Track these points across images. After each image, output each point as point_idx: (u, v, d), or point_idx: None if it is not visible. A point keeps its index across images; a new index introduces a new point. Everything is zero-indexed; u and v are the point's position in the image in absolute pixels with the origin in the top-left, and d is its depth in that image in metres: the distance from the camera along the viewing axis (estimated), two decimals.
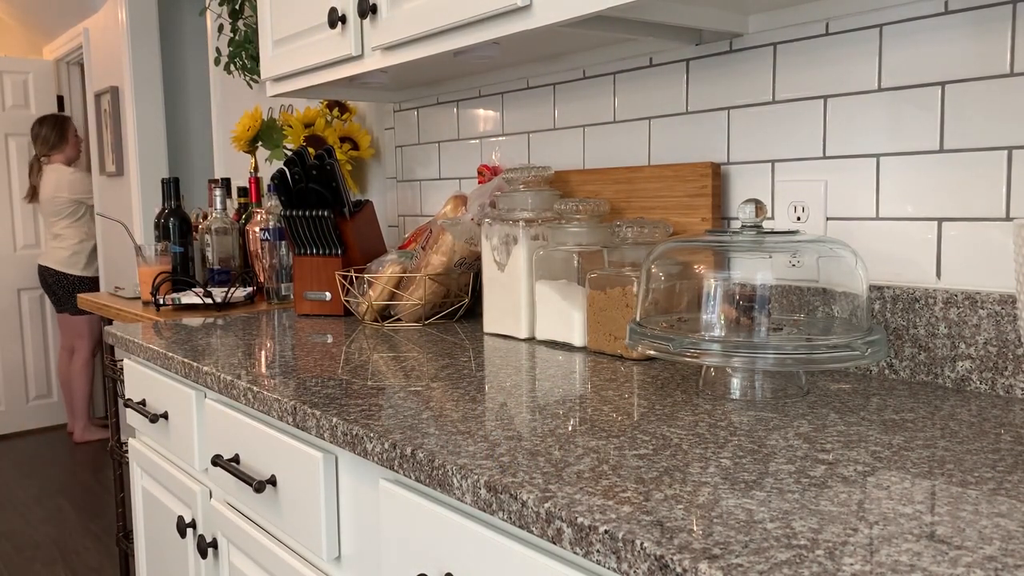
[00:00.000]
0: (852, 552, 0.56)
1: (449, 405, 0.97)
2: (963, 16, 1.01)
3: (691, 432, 0.84)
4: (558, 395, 1.01)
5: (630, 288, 1.20)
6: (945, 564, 0.54)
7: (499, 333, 1.46)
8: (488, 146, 1.77)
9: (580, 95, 1.53)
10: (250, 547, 1.22)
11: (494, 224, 1.46)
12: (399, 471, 0.83)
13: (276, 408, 1.05)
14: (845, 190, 1.14)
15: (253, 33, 2.25)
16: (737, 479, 0.70)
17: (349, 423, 0.91)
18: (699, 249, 1.07)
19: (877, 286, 1.10)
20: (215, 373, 1.21)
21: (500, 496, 0.70)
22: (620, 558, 0.59)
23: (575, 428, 0.86)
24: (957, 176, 1.03)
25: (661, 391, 1.02)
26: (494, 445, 0.81)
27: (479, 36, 1.21)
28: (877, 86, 1.10)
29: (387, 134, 2.10)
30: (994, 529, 0.59)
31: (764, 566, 0.54)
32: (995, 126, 0.99)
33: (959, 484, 0.69)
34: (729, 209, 1.28)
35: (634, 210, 1.39)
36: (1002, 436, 0.82)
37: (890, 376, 1.09)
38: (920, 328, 1.06)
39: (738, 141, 1.27)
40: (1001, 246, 1.00)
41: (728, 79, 1.28)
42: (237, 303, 1.98)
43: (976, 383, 1.01)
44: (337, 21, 1.47)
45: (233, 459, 1.22)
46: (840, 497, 0.66)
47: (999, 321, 0.99)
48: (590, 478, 0.71)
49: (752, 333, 1.00)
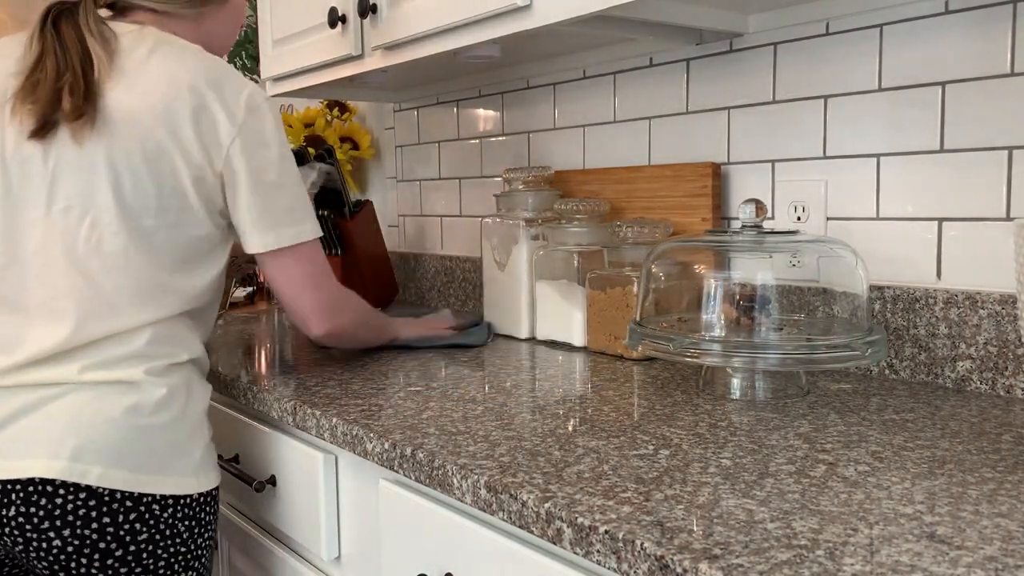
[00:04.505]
0: (852, 552, 0.56)
1: (449, 405, 0.97)
2: (963, 16, 1.01)
3: (691, 432, 0.84)
4: (558, 395, 1.01)
5: (630, 288, 1.20)
6: (945, 564, 0.54)
7: (499, 333, 1.46)
8: (488, 146, 1.77)
9: (580, 95, 1.53)
10: (250, 547, 1.22)
11: (494, 224, 1.46)
12: (399, 471, 0.83)
13: (276, 408, 1.05)
14: (845, 190, 1.14)
15: (253, 33, 2.25)
16: (737, 479, 0.70)
17: (349, 423, 0.91)
18: (699, 249, 1.07)
19: (877, 286, 1.10)
20: (215, 372, 1.21)
21: (500, 496, 0.70)
22: (620, 558, 0.59)
23: (575, 428, 0.86)
24: (957, 176, 1.03)
25: (661, 391, 1.02)
26: (494, 445, 0.81)
27: (479, 36, 1.21)
28: (877, 86, 1.10)
29: (387, 134, 2.10)
30: (994, 529, 0.59)
31: (764, 566, 0.54)
32: (995, 126, 0.99)
33: (959, 484, 0.69)
34: (729, 209, 1.28)
35: (634, 210, 1.39)
36: (1002, 436, 0.82)
37: (890, 376, 1.09)
38: (920, 328, 1.06)
39: (738, 141, 1.27)
40: (1001, 246, 1.00)
41: (728, 79, 1.28)
42: (237, 303, 1.98)
43: (976, 383, 1.01)
44: (337, 21, 1.47)
45: (233, 459, 1.22)
46: (840, 497, 0.66)
47: (999, 321, 0.98)
48: (590, 478, 0.71)
49: (752, 333, 1.00)
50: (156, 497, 0.93)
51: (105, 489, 0.89)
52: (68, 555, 0.89)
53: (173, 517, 0.94)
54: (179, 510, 0.95)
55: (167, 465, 0.94)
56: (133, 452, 0.91)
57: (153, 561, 0.94)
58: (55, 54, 0.95)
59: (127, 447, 0.91)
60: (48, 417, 0.90)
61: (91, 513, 0.89)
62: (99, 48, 0.96)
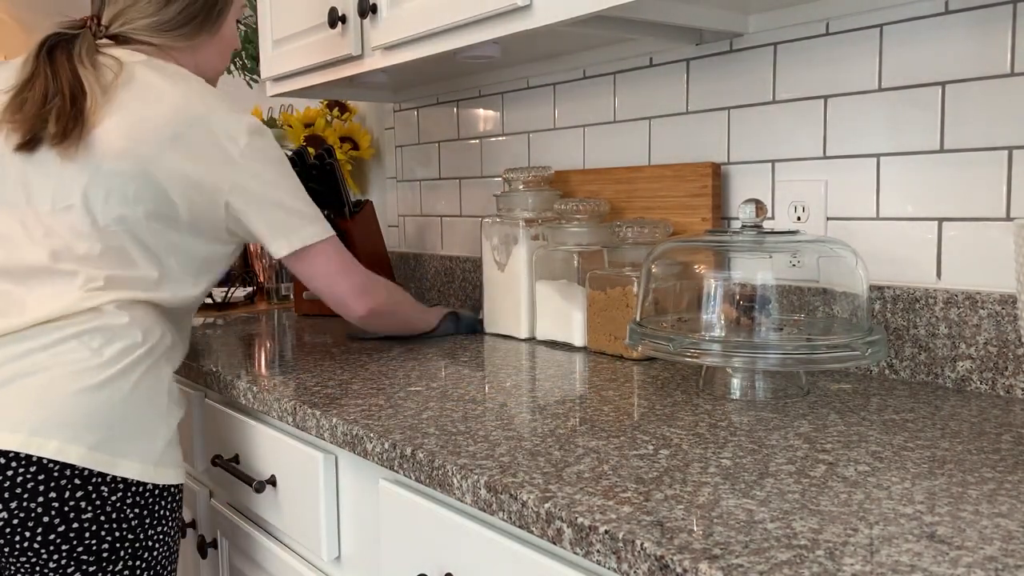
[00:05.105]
0: (852, 552, 0.56)
1: (449, 405, 0.97)
2: (963, 16, 1.01)
3: (691, 432, 0.84)
4: (558, 395, 1.01)
5: (630, 288, 1.20)
6: (945, 564, 0.54)
7: (499, 333, 1.46)
8: (488, 146, 1.77)
9: (580, 95, 1.53)
10: (250, 547, 1.22)
11: (494, 224, 1.46)
12: (399, 471, 0.83)
13: (276, 408, 1.05)
14: (845, 190, 1.14)
15: (253, 33, 2.25)
16: (737, 479, 0.70)
17: (349, 423, 0.91)
18: (699, 249, 1.07)
19: (877, 286, 1.10)
20: (215, 372, 1.21)
21: (500, 496, 0.70)
22: (620, 558, 0.59)
23: (575, 428, 0.86)
24: (957, 176, 1.03)
25: (661, 391, 1.02)
26: (494, 445, 0.81)
27: (479, 36, 1.21)
28: (877, 86, 1.10)
29: (387, 134, 2.10)
30: (994, 529, 0.59)
31: (764, 566, 0.54)
32: (995, 126, 0.99)
33: (959, 484, 0.69)
34: (729, 209, 1.28)
35: (634, 210, 1.39)
36: (1002, 436, 0.82)
37: (890, 376, 1.09)
38: (920, 328, 1.06)
39: (738, 141, 1.27)
40: (1001, 246, 1.00)
41: (728, 79, 1.28)
42: (237, 303, 1.98)
43: (976, 383, 1.01)
44: (337, 21, 1.47)
45: (233, 459, 1.22)
46: (840, 497, 0.66)
47: (999, 321, 0.98)
48: (590, 478, 0.71)
49: (752, 333, 1.00)
50: (107, 478, 0.95)
51: (56, 464, 0.92)
52: (13, 527, 0.92)
53: (122, 502, 0.96)
54: (129, 496, 0.97)
55: (124, 448, 0.96)
56: (90, 429, 0.94)
57: (96, 542, 0.95)
58: (45, 77, 1.02)
59: (84, 424, 0.93)
60: (13, 392, 0.93)
61: (39, 487, 0.91)
62: (92, 79, 1.03)
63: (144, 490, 0.98)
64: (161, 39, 1.13)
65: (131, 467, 0.96)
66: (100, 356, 0.97)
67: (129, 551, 0.98)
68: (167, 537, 1.03)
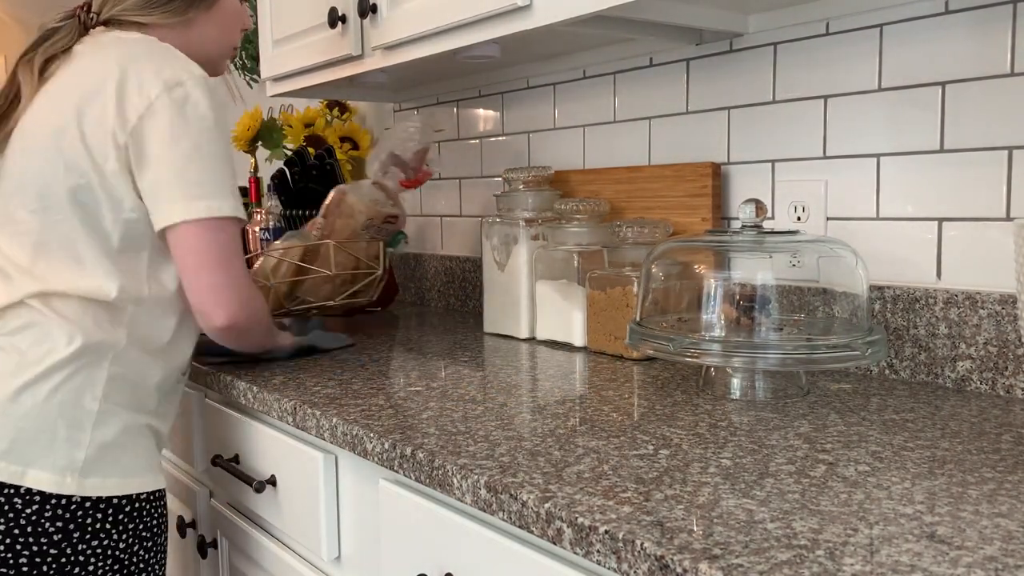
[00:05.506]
0: (852, 552, 0.56)
1: (449, 405, 0.97)
2: (963, 16, 1.01)
3: (691, 432, 0.84)
4: (558, 395, 1.01)
5: (630, 288, 1.20)
6: (946, 564, 0.54)
7: (499, 333, 1.46)
8: (488, 146, 1.77)
9: (580, 95, 1.53)
10: (250, 547, 1.22)
11: (494, 224, 1.46)
12: (399, 471, 0.83)
13: (276, 408, 1.05)
14: (845, 190, 1.14)
15: (253, 32, 2.25)
16: (737, 479, 0.70)
17: (349, 423, 0.91)
18: (699, 249, 1.07)
19: (877, 286, 1.10)
20: (215, 372, 1.21)
21: (500, 496, 0.70)
22: (620, 558, 0.59)
23: (575, 428, 0.86)
24: (957, 176, 1.03)
25: (661, 391, 1.02)
26: (494, 445, 0.81)
27: (479, 36, 1.21)
28: (877, 86, 1.10)
29: (387, 134, 2.09)
30: (994, 529, 0.59)
31: (764, 566, 0.54)
32: (995, 126, 0.99)
33: (959, 484, 0.69)
34: (729, 209, 1.28)
35: (634, 210, 1.39)
36: (1002, 436, 0.82)
37: (890, 376, 1.09)
38: (920, 328, 1.06)
39: (738, 141, 1.27)
40: (1001, 246, 1.00)
41: (728, 79, 1.28)
42: None
43: (976, 383, 1.01)
44: (337, 21, 1.47)
45: (233, 459, 1.22)
46: (840, 497, 0.66)
47: (999, 321, 0.98)
48: (590, 478, 0.71)
49: (752, 333, 1.00)
50: (20, 490, 0.90)
51: None
52: None
53: (39, 515, 0.91)
54: (48, 509, 0.91)
55: (32, 457, 0.91)
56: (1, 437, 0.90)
57: (13, 557, 0.90)
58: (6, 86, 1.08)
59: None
60: None
61: None
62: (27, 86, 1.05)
63: (66, 501, 0.91)
64: (150, 17, 1.08)
65: (41, 477, 0.90)
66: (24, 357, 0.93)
67: (54, 567, 0.92)
68: (109, 555, 0.95)
